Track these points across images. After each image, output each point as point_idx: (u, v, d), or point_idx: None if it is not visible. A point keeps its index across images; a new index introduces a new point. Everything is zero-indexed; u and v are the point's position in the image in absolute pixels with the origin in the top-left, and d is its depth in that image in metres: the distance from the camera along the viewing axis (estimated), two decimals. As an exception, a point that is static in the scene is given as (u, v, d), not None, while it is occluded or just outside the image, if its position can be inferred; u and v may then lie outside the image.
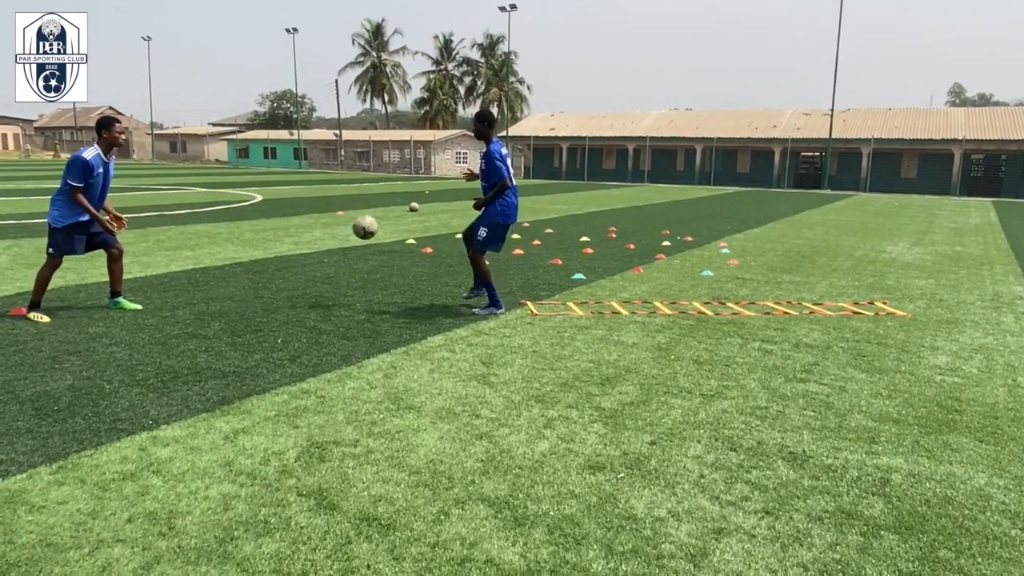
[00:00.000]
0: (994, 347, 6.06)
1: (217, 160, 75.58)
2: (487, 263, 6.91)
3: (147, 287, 7.69)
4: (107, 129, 6.18)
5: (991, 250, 13.32)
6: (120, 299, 6.65)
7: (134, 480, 3.22)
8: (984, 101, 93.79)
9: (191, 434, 3.75)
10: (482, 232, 6.77)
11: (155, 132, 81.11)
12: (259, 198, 22.55)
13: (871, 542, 2.88)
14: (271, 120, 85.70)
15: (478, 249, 6.80)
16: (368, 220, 7.21)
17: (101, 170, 6.20)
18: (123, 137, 6.29)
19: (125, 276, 8.25)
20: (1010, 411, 4.47)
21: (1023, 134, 41.70)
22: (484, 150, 6.81)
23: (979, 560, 2.78)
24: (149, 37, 73.91)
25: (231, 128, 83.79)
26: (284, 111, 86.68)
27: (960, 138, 42.12)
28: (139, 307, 6.63)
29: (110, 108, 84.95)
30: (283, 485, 3.22)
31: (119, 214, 6.55)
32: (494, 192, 6.66)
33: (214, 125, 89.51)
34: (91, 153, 6.13)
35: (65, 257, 6.42)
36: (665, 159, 52.34)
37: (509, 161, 6.84)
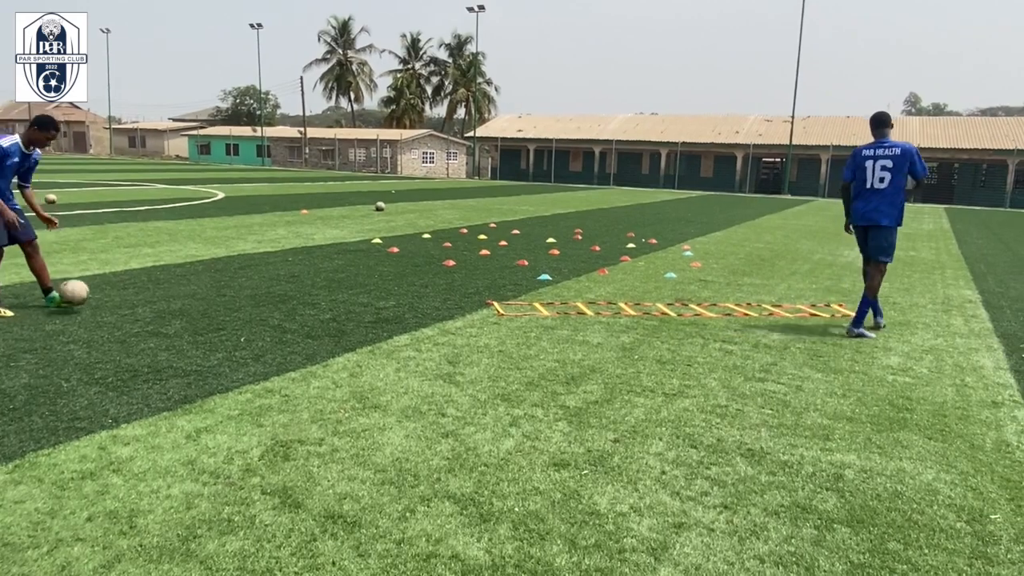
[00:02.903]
0: (944, 348, 6.27)
1: (177, 156, 74.13)
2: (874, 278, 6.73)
3: (106, 284, 7.53)
4: (43, 128, 6.08)
5: (943, 255, 13.76)
6: (54, 294, 6.31)
7: (94, 479, 3.18)
8: (938, 111, 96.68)
9: (152, 433, 3.71)
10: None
11: (113, 126, 79.16)
12: (221, 195, 22.19)
13: (824, 535, 2.98)
14: (234, 116, 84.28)
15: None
16: (75, 288, 6.14)
17: (16, 160, 6.02)
18: (48, 145, 6.30)
19: (83, 273, 8.08)
20: (958, 409, 4.64)
21: (975, 143, 43.14)
22: None
23: (926, 551, 2.89)
24: (108, 29, 72.13)
25: (192, 124, 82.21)
26: (247, 107, 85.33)
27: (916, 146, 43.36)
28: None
29: (68, 102, 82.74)
30: (247, 484, 3.20)
31: (49, 216, 6.49)
32: (842, 195, 6.82)
33: (174, 120, 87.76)
34: (8, 141, 5.99)
35: (20, 254, 6.27)
36: (631, 162, 52.85)
37: (871, 163, 6.52)
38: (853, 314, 7.57)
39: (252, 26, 63.03)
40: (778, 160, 49.80)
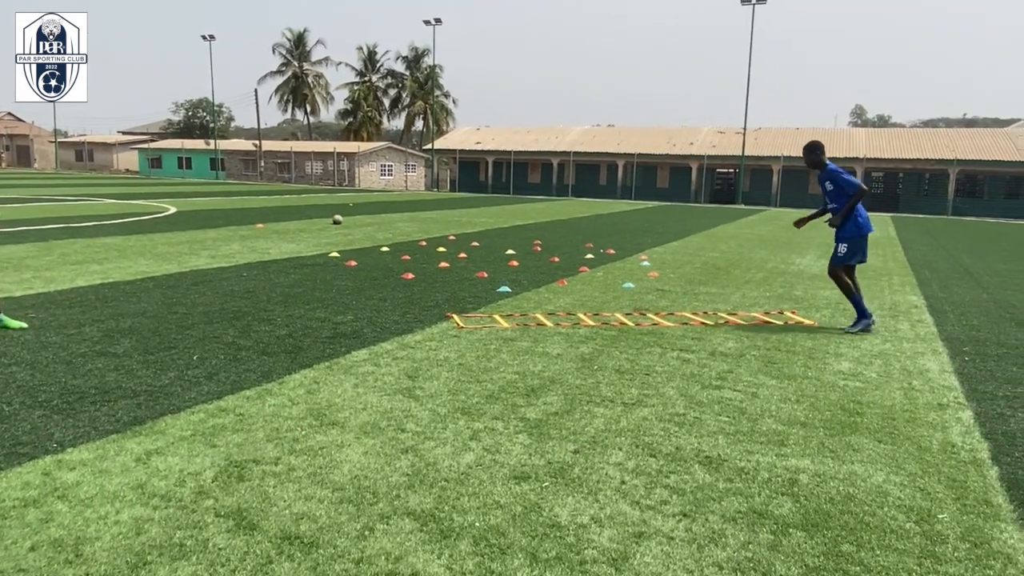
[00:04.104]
0: (892, 353, 6.46)
1: (127, 170, 72.36)
2: (847, 278, 7.30)
3: (50, 303, 7.29)
4: None
5: (890, 262, 14.19)
6: (1, 316, 6.10)
7: (37, 506, 3.06)
8: (883, 122, 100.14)
9: (100, 456, 3.59)
10: (841, 248, 7.27)
11: (59, 140, 76.87)
12: (173, 210, 21.71)
13: (780, 540, 3.03)
14: (186, 129, 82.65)
15: (837, 264, 7.30)
16: None
17: None
18: None
19: (26, 291, 7.81)
20: (906, 412, 4.78)
21: (918, 153, 44.69)
22: (820, 173, 7.37)
23: (878, 552, 2.96)
24: (53, 40, 70.17)
25: (142, 137, 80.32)
26: (200, 120, 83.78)
27: (861, 156, 44.75)
28: (24, 325, 6.16)
29: (8, 114, 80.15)
30: (200, 506, 3.12)
31: None
32: (854, 201, 7.11)
33: (124, 133, 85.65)
34: None
35: None
36: (588, 173, 53.38)
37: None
38: (806, 321, 7.77)
39: (204, 37, 61.97)
40: (731, 171, 50.85)
